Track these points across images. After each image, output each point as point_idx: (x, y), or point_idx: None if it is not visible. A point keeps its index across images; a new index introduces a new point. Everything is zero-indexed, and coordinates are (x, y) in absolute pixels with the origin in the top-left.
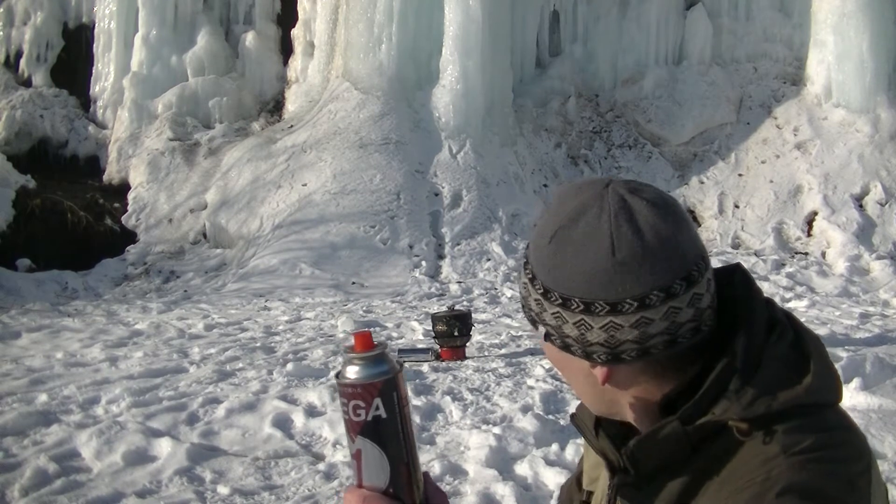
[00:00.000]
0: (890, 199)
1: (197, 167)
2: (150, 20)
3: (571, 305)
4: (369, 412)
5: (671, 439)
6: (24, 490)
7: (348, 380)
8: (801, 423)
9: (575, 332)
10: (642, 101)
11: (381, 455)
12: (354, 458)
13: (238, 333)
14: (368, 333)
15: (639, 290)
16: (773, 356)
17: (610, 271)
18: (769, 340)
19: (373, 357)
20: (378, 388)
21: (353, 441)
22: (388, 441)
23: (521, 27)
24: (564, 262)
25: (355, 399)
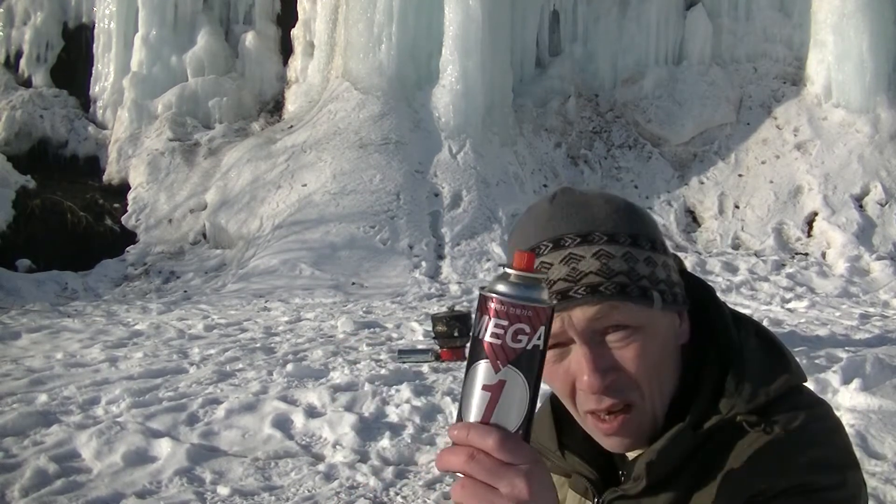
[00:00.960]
0: (890, 199)
1: (197, 167)
2: (150, 20)
3: (658, 247)
4: (531, 340)
5: (685, 444)
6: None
7: (518, 299)
8: (790, 405)
9: (664, 274)
10: (642, 101)
11: (525, 391)
12: (488, 391)
13: (238, 334)
14: (533, 254)
15: (653, 232)
16: (752, 349)
17: (630, 208)
18: (741, 335)
19: (540, 280)
20: (547, 315)
21: (496, 370)
22: (536, 376)
23: (521, 27)
24: (596, 207)
25: (520, 322)
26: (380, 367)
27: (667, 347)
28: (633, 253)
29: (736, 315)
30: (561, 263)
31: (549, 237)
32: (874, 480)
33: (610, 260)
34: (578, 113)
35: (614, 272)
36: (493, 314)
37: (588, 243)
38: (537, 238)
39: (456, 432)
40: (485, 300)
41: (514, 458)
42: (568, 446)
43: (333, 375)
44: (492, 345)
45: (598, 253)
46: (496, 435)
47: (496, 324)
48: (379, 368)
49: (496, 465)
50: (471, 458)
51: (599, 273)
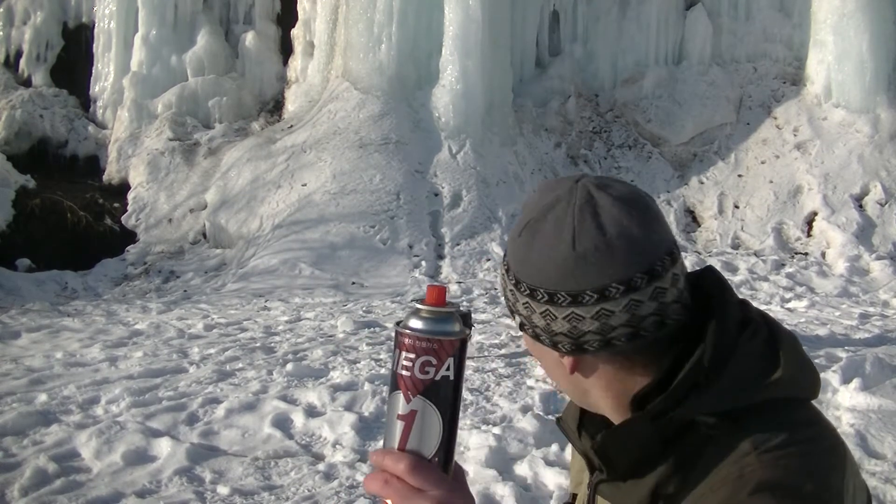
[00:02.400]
0: (890, 199)
1: (197, 167)
2: (149, 20)
3: (537, 296)
4: (439, 371)
5: (639, 435)
6: (23, 490)
7: (423, 333)
8: (772, 420)
9: (542, 323)
10: (642, 101)
11: (438, 420)
12: (402, 420)
13: (238, 333)
14: (444, 289)
15: (598, 282)
16: (746, 352)
17: (571, 263)
18: (742, 336)
19: (449, 314)
20: (455, 346)
21: (408, 401)
22: (448, 406)
23: (521, 27)
24: (532, 254)
25: (427, 355)
26: (380, 367)
27: (553, 369)
28: (531, 304)
29: (747, 318)
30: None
31: None
32: (874, 480)
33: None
34: (578, 113)
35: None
36: (404, 348)
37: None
38: None
39: (374, 457)
40: (398, 335)
41: (424, 483)
42: (586, 427)
43: (333, 375)
44: (402, 377)
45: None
46: (407, 461)
47: (405, 357)
48: (379, 368)
49: (408, 491)
50: (385, 484)
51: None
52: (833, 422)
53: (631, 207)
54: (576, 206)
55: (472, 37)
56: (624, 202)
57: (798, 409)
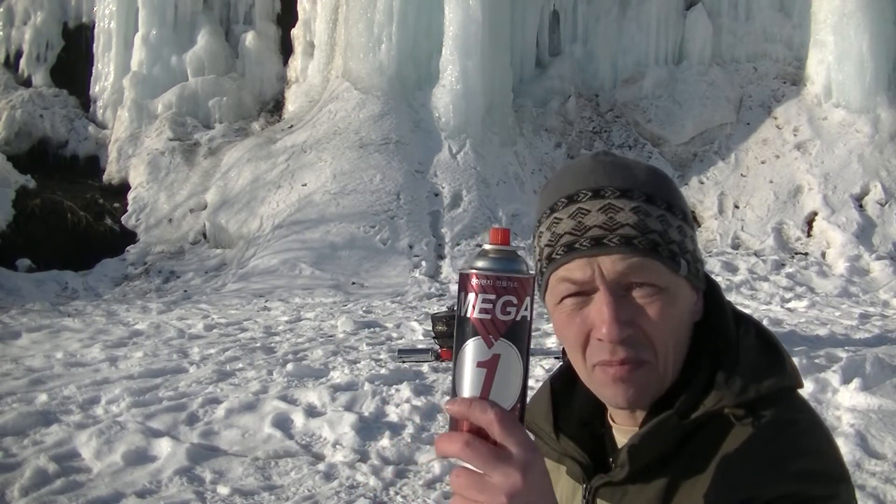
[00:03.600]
0: (890, 199)
1: (197, 167)
2: (150, 20)
3: (675, 212)
4: (519, 311)
5: (671, 433)
6: (24, 490)
7: (503, 272)
8: (787, 404)
9: (691, 246)
10: (642, 101)
11: (520, 363)
12: (483, 367)
13: (238, 333)
14: (508, 229)
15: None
16: (747, 346)
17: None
18: (739, 331)
19: (518, 253)
20: (531, 285)
21: (490, 345)
22: (526, 348)
23: (521, 27)
24: (674, 188)
25: (508, 294)
26: (380, 367)
27: (684, 317)
28: (668, 217)
29: (738, 313)
30: (598, 211)
31: (590, 187)
32: (874, 480)
33: (647, 217)
34: (578, 113)
35: (649, 229)
36: (479, 290)
37: (627, 198)
38: (576, 186)
39: (456, 407)
40: (467, 277)
41: (510, 440)
42: (563, 429)
43: (333, 375)
44: (482, 320)
45: (636, 208)
46: (496, 411)
47: (484, 299)
48: (379, 368)
49: (492, 454)
50: (466, 446)
51: (636, 227)
52: (833, 422)
53: None
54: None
55: (472, 37)
56: None
57: (796, 398)
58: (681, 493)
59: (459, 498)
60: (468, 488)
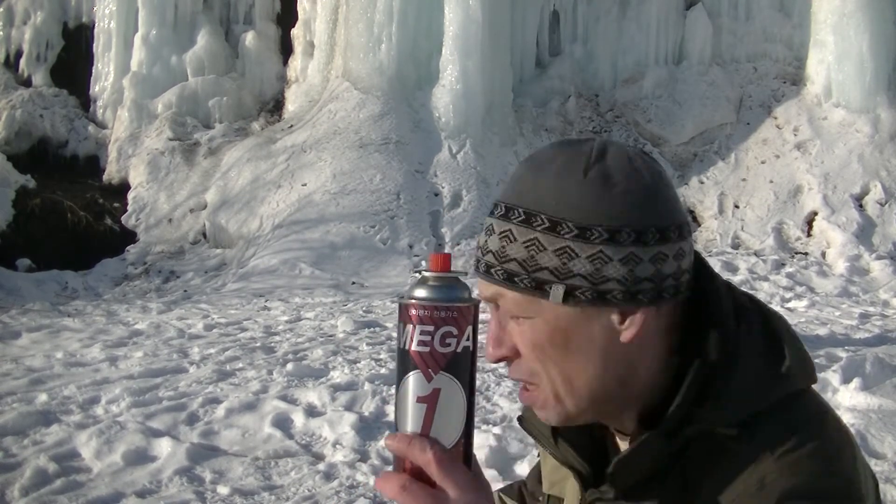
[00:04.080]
0: (890, 199)
1: (197, 167)
2: (150, 20)
3: (591, 236)
4: (460, 342)
5: (654, 453)
6: (24, 490)
7: (441, 301)
8: (785, 419)
9: (589, 269)
10: (642, 101)
11: (463, 397)
12: (423, 402)
13: (238, 333)
14: (449, 254)
15: (662, 220)
16: (749, 351)
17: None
18: (740, 331)
19: (459, 279)
20: (473, 313)
21: (429, 379)
22: (469, 380)
23: (521, 27)
24: (603, 194)
25: (447, 325)
26: (380, 367)
27: (571, 343)
28: (542, 241)
29: (741, 306)
30: (484, 231)
31: (498, 199)
32: None
33: (510, 244)
34: (578, 113)
35: (508, 258)
36: (418, 321)
37: (505, 219)
38: (498, 195)
39: (395, 444)
40: (406, 308)
41: (448, 482)
42: (562, 434)
43: (333, 375)
44: (420, 353)
45: (504, 233)
46: (434, 451)
47: (422, 330)
48: (379, 368)
49: (429, 498)
50: (403, 490)
51: (496, 255)
52: None
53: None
54: (622, 148)
55: (472, 37)
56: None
57: (806, 402)
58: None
59: None
60: None
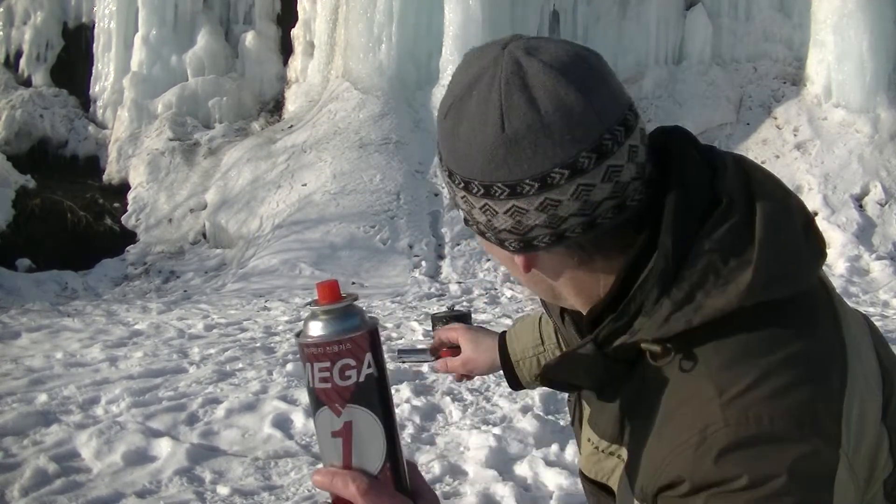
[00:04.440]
0: (890, 199)
1: (197, 167)
2: (150, 20)
3: (473, 189)
4: (361, 371)
5: (586, 362)
6: (23, 490)
7: (330, 337)
8: (741, 345)
9: (483, 218)
10: (642, 102)
11: (376, 423)
12: (338, 436)
13: (238, 334)
14: (335, 282)
15: (538, 168)
16: (705, 249)
17: (502, 149)
18: (706, 225)
19: (349, 307)
20: (368, 340)
21: (338, 414)
22: (382, 405)
23: (521, 27)
24: (459, 141)
25: (343, 358)
26: None
27: (511, 269)
28: (469, 198)
29: (718, 196)
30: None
31: (445, 162)
32: None
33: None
34: None
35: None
36: (314, 359)
37: (454, 185)
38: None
39: (319, 478)
40: (304, 348)
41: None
42: (570, 313)
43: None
44: (323, 390)
45: (463, 197)
46: (357, 484)
47: (320, 368)
48: None
49: None
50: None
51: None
52: None
53: (568, 73)
54: (502, 79)
55: (472, 37)
56: (559, 68)
57: (775, 319)
58: (627, 428)
59: None
60: None
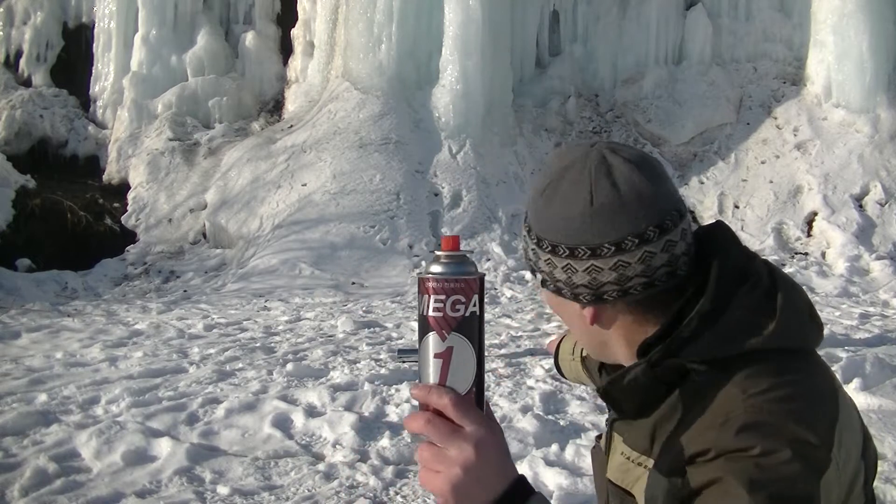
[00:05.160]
0: (890, 199)
1: (197, 167)
2: (149, 20)
3: (559, 251)
4: (468, 307)
5: (639, 380)
6: (23, 490)
7: (450, 275)
8: (762, 367)
9: (564, 276)
10: (642, 101)
11: (472, 353)
12: (439, 357)
13: (238, 333)
14: (458, 237)
15: (615, 235)
16: (741, 304)
17: (588, 219)
18: (741, 289)
19: (465, 257)
20: (477, 284)
21: (443, 338)
22: (478, 339)
23: (521, 27)
24: (553, 213)
25: (456, 294)
26: (379, 367)
27: (574, 322)
28: (553, 260)
29: (753, 272)
30: (533, 252)
31: (531, 227)
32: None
33: (549, 267)
34: (578, 113)
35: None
36: (433, 291)
37: (541, 248)
38: (532, 221)
39: (416, 392)
40: (423, 282)
41: (464, 419)
42: (607, 369)
43: (333, 375)
44: (435, 318)
45: (548, 260)
46: (450, 396)
47: (436, 299)
48: (379, 368)
49: (449, 430)
50: (427, 423)
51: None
52: None
53: (641, 168)
54: (591, 167)
55: (472, 37)
56: (634, 163)
57: (790, 359)
58: (661, 437)
59: (423, 469)
60: (430, 461)
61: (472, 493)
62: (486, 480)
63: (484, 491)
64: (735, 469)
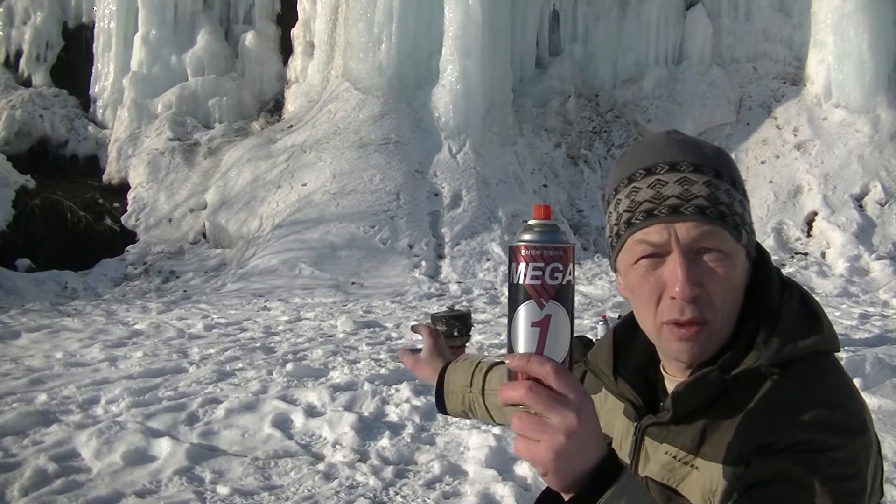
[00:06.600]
0: (890, 199)
1: (197, 167)
2: (149, 20)
3: (739, 185)
4: (565, 275)
5: (712, 385)
6: (23, 490)
7: (549, 242)
8: (817, 366)
9: (741, 210)
10: (642, 101)
11: (568, 321)
12: (537, 326)
13: (238, 333)
14: (548, 205)
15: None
16: (789, 311)
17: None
18: (783, 298)
19: (558, 225)
20: (573, 253)
21: (541, 307)
22: (573, 308)
23: (521, 27)
24: (705, 151)
25: (555, 262)
26: (379, 367)
27: (741, 280)
28: (732, 192)
29: (784, 280)
30: (675, 183)
31: (667, 160)
32: None
33: (717, 191)
34: (578, 113)
35: (719, 201)
36: (530, 259)
37: (700, 172)
38: (654, 159)
39: (516, 362)
40: (517, 249)
41: (566, 388)
42: (621, 373)
43: (333, 375)
44: (533, 286)
45: (707, 182)
46: (551, 365)
47: (534, 267)
48: (379, 368)
49: (552, 398)
50: (529, 391)
51: (708, 198)
52: None
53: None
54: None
55: (472, 37)
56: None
57: (832, 360)
58: (713, 436)
59: (522, 439)
60: (530, 430)
61: (573, 460)
62: (585, 448)
63: (584, 458)
64: (806, 461)
